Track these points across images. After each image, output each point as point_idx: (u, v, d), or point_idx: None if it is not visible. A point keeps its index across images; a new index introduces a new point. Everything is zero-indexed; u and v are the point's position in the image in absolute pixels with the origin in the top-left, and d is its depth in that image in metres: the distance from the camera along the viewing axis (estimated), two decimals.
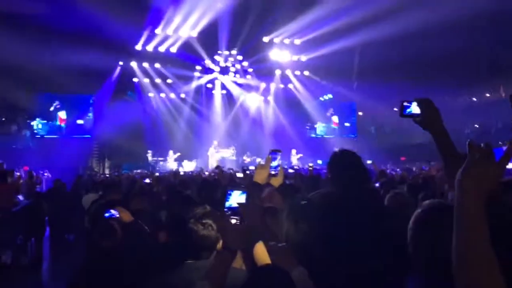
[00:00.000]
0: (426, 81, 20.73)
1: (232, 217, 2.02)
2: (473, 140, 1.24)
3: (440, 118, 1.83)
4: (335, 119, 27.07)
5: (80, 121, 22.59)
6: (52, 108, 22.12)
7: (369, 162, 11.40)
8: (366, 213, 2.31)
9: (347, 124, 27.22)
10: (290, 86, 25.49)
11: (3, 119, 20.35)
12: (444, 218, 1.51)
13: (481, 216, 1.15)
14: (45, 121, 21.84)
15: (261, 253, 2.05)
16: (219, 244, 2.35)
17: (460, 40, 19.25)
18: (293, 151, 22.64)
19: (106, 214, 3.69)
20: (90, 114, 22.93)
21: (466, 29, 19.16)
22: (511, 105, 1.93)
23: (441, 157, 1.87)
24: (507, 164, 1.21)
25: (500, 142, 12.39)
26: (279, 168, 2.80)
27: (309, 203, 2.24)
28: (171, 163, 21.80)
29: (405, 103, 1.86)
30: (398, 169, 14.02)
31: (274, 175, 2.77)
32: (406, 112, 1.85)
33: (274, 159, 2.72)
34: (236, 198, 2.06)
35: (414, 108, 1.84)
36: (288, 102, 25.51)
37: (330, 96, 26.88)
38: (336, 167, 2.63)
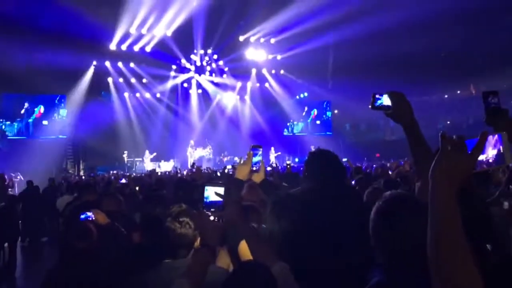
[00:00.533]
0: (399, 79, 21.11)
1: (210, 213, 2.01)
2: (446, 132, 1.25)
3: (411, 111, 1.84)
4: (315, 112, 27.30)
5: (45, 122, 21.97)
6: (23, 111, 21.51)
7: (344, 159, 11.53)
8: (346, 208, 2.33)
9: (318, 122, 27.48)
10: (266, 85, 25.56)
11: None
12: (406, 210, 1.52)
13: (454, 206, 1.15)
14: (9, 122, 21.21)
15: (245, 250, 2.05)
16: (197, 242, 2.34)
17: (431, 39, 19.68)
18: (272, 149, 22.75)
19: (82, 216, 3.62)
20: (56, 115, 22.28)
21: (437, 29, 19.59)
22: (483, 101, 1.97)
23: (411, 150, 1.89)
24: (479, 155, 1.20)
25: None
26: (260, 163, 2.80)
27: (291, 199, 2.25)
28: (147, 163, 21.58)
29: (377, 95, 1.87)
30: (374, 165, 14.22)
31: (255, 171, 2.76)
32: (377, 104, 1.86)
33: (255, 154, 2.71)
34: (213, 193, 2.05)
35: (385, 100, 1.85)
36: (265, 100, 25.61)
37: (305, 94, 27.09)
38: (313, 165, 2.65)
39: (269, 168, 11.64)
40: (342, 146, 24.85)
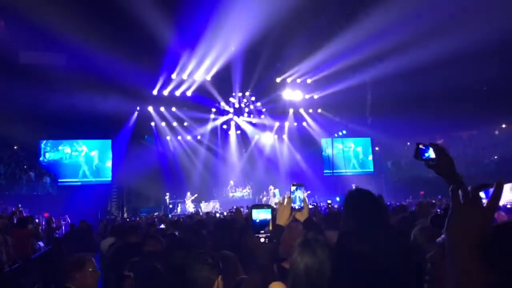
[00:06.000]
0: (440, 114, 20.61)
1: (259, 235, 2.09)
2: (456, 187, 1.14)
3: (453, 165, 1.84)
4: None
5: (97, 165, 22.90)
6: (81, 156, 22.63)
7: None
8: (389, 250, 2.24)
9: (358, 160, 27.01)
10: (304, 124, 25.65)
11: (25, 166, 20.76)
12: None
13: (473, 267, 1.02)
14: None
15: None
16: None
17: (472, 71, 19.15)
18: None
19: None
20: (104, 159, 23.20)
21: (479, 61, 19.07)
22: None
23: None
24: (495, 207, 1.08)
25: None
26: (303, 202, 2.78)
27: (319, 241, 2.20)
28: (189, 204, 21.80)
29: (421, 146, 1.88)
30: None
31: (298, 210, 2.75)
32: (425, 157, 1.87)
33: (293, 193, 2.72)
34: (259, 214, 2.14)
35: (431, 153, 1.86)
36: (303, 139, 25.58)
37: (344, 132, 26.89)
38: (352, 205, 2.60)
39: (310, 206, 11.46)
40: (385, 184, 24.30)
